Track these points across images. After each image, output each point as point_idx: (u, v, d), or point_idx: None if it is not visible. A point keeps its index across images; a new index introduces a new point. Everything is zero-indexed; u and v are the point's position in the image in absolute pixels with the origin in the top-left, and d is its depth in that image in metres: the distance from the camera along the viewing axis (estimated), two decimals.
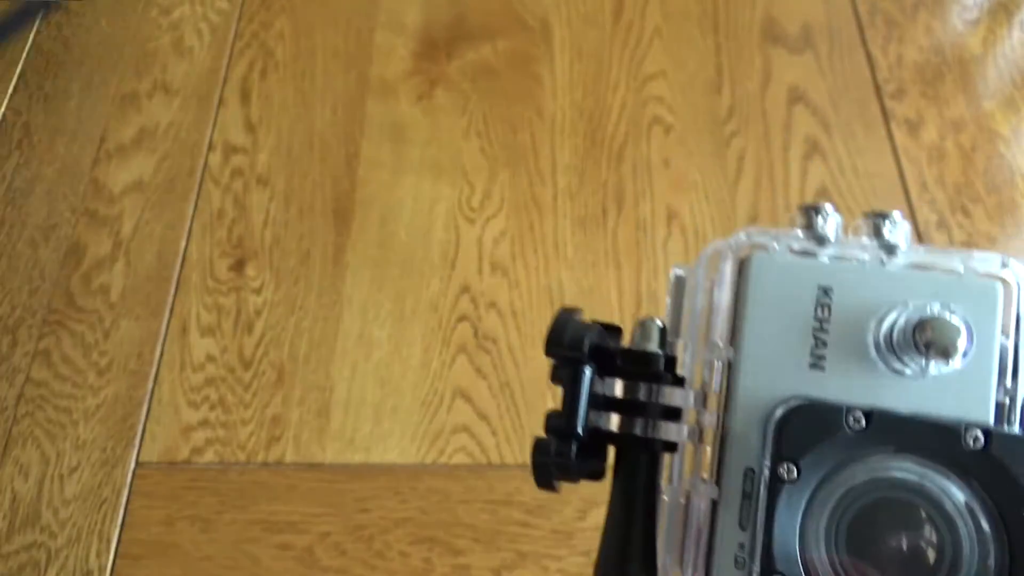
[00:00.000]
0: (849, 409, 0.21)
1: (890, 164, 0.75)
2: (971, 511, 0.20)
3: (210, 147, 0.77)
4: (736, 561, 0.21)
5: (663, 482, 0.23)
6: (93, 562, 0.58)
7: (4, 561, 0.58)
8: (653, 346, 0.23)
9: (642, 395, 0.23)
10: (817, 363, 0.22)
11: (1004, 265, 0.22)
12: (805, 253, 0.22)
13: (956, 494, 0.20)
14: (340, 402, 0.64)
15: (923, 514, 0.20)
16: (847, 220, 0.23)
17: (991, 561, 0.20)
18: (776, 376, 0.22)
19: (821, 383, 0.21)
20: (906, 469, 0.20)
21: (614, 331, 0.25)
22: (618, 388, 0.23)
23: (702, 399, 0.23)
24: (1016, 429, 0.21)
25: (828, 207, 0.22)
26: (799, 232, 0.22)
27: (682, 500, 0.23)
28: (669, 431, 0.23)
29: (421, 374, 0.65)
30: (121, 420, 0.63)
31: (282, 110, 0.79)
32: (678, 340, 0.23)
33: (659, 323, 0.24)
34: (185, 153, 0.77)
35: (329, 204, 0.74)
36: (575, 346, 0.23)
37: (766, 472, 0.21)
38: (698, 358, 0.23)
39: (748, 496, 0.21)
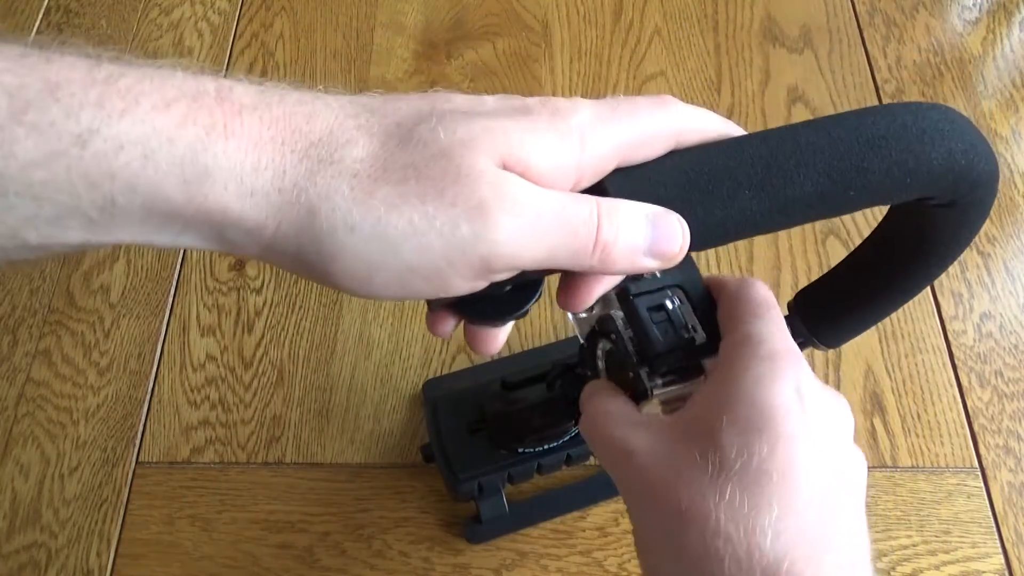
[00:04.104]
0: None
1: None
2: None
3: None
4: None
5: None
6: (93, 561, 0.58)
7: (4, 561, 0.58)
8: None
9: None
10: None
11: None
12: None
13: None
14: (340, 402, 0.64)
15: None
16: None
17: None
18: None
19: None
20: None
21: None
22: None
23: None
24: None
25: None
26: None
27: None
28: None
29: (421, 374, 0.65)
30: (121, 420, 0.63)
31: None
32: None
33: None
34: None
35: None
36: None
37: None
38: None
39: None
